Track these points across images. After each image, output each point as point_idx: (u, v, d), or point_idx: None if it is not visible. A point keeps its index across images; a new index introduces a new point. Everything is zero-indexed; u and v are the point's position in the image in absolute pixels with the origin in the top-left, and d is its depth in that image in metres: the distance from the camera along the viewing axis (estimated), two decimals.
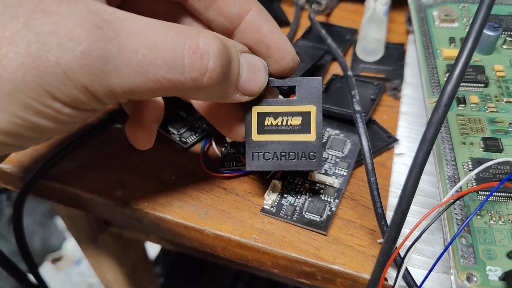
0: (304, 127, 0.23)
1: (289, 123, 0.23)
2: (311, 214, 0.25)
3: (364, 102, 0.30)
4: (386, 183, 0.27)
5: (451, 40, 0.29)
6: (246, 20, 0.22)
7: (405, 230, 0.20)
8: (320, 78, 0.23)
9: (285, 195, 0.26)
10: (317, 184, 0.26)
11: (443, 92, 0.20)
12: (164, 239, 0.43)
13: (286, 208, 0.25)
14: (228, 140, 0.28)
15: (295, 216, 0.25)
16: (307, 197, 0.26)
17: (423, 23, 0.30)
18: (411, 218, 0.24)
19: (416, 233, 0.20)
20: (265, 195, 0.26)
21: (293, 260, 0.24)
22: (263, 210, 0.26)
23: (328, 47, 0.30)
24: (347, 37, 0.37)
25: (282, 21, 0.40)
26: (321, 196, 0.26)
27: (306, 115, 0.23)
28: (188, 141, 0.30)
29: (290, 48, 0.22)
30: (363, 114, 0.29)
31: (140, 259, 0.51)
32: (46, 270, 0.95)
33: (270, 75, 0.22)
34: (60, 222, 1.00)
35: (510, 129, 0.24)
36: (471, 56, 0.20)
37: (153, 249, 0.78)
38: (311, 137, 0.23)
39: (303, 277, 0.25)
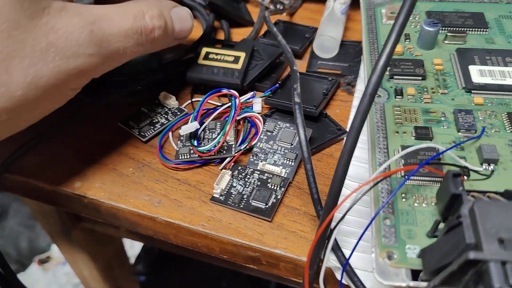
0: (235, 61, 0.33)
1: (225, 59, 0.33)
2: (257, 202, 0.26)
3: (316, 96, 0.32)
4: (332, 173, 0.28)
5: None
6: None
7: (338, 215, 0.22)
8: (253, 40, 0.36)
9: (234, 185, 0.27)
10: (266, 174, 0.28)
11: (368, 82, 0.21)
12: (132, 232, 0.44)
13: (234, 196, 0.27)
14: (182, 133, 0.29)
15: (242, 204, 0.26)
16: (254, 186, 0.27)
17: (371, 21, 0.32)
18: (347, 204, 0.25)
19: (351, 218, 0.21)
20: (214, 184, 0.27)
21: (239, 245, 0.25)
22: (213, 198, 0.27)
23: (278, 43, 0.31)
24: (306, 35, 0.38)
25: (246, 21, 0.41)
26: (268, 185, 0.27)
27: (237, 57, 0.33)
28: (147, 135, 0.31)
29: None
30: (313, 108, 0.30)
31: (115, 255, 0.52)
32: (33, 271, 0.96)
33: None
34: None
35: (442, 118, 0.25)
36: (393, 49, 0.21)
37: (134, 248, 0.79)
38: (238, 66, 0.33)
39: (250, 263, 0.26)
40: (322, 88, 0.32)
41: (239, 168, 0.28)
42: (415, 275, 0.20)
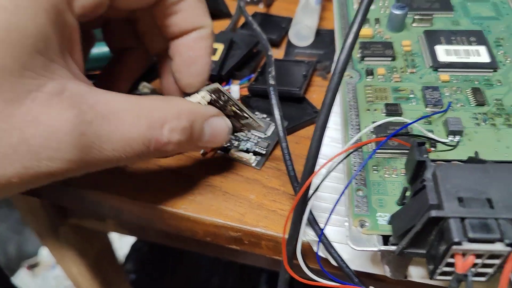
0: (212, 53, 0.28)
1: None
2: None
3: (298, 79, 0.33)
4: None
5: (366, 20, 0.31)
6: (194, 35, 0.25)
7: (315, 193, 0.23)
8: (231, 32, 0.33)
9: None
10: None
11: (337, 62, 0.22)
12: (119, 226, 0.45)
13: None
14: None
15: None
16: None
17: (343, 7, 0.33)
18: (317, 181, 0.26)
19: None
20: None
21: (220, 226, 0.26)
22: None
23: (254, 32, 0.32)
24: (283, 25, 0.39)
25: (224, 13, 0.42)
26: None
27: (215, 49, 0.33)
28: None
29: (206, 74, 0.26)
30: (297, 89, 0.31)
31: (103, 251, 0.52)
32: (22, 276, 0.95)
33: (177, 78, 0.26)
34: None
35: (411, 95, 0.26)
36: (359, 29, 0.22)
37: (123, 249, 0.79)
38: (216, 57, 0.33)
39: (233, 243, 0.27)
40: (301, 71, 0.33)
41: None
42: (387, 240, 0.21)
